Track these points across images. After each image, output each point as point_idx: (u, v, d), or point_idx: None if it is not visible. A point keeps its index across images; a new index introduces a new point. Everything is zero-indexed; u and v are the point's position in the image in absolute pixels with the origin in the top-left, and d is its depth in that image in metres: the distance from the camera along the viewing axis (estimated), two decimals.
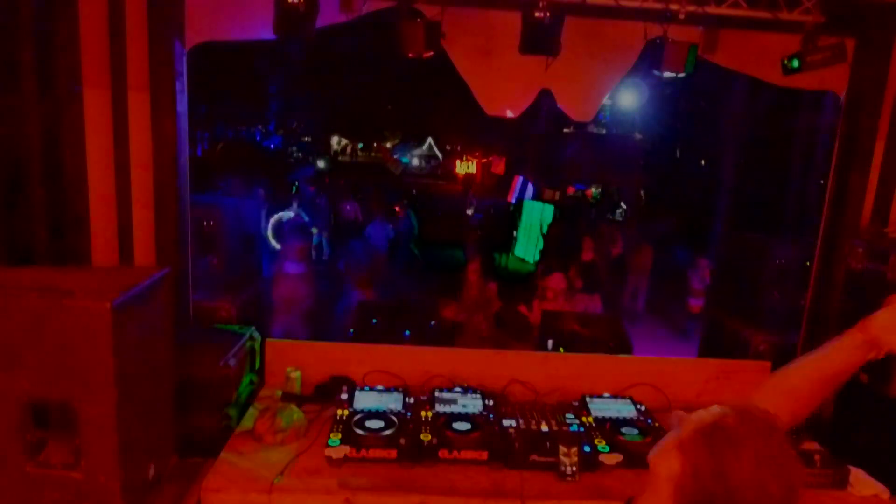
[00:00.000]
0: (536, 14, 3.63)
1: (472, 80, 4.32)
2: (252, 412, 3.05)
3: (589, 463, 2.60)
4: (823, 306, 4.30)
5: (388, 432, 2.68)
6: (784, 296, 4.91)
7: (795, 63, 3.78)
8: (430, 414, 2.87)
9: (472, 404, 3.02)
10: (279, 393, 3.20)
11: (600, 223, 11.09)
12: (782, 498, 1.11)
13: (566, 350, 4.29)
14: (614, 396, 3.22)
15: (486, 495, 2.44)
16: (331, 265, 10.73)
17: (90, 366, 1.91)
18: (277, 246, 8.28)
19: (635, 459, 2.63)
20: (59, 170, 3.42)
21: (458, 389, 3.20)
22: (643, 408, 3.12)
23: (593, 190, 24.47)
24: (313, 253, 12.04)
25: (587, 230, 10.41)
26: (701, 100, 16.52)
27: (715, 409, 1.25)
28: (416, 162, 43.25)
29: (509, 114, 4.58)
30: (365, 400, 3.01)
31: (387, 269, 8.80)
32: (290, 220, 6.78)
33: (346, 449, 2.57)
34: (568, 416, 2.96)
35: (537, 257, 13.16)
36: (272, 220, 8.54)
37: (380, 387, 3.18)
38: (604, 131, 26.64)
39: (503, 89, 4.41)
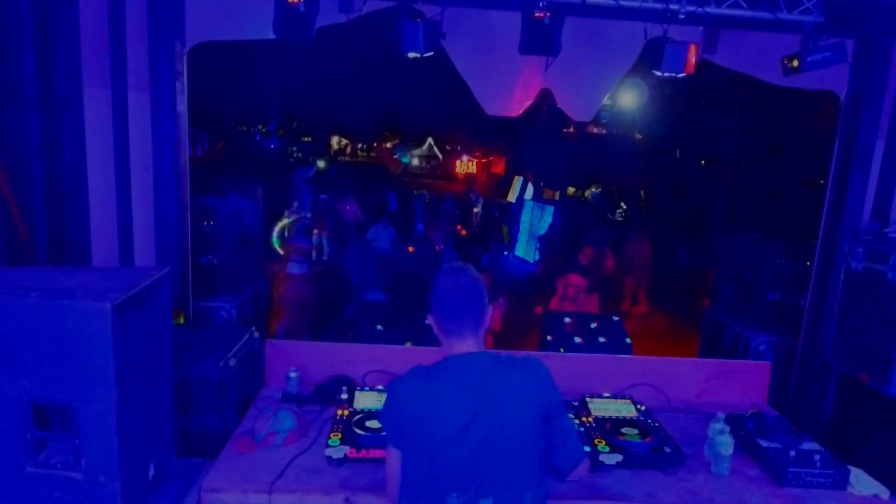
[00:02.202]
0: (536, 14, 3.64)
1: (472, 80, 4.33)
2: (252, 412, 3.05)
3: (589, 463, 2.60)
4: (823, 306, 4.30)
5: None
6: (784, 296, 4.91)
7: (795, 63, 3.79)
8: None
9: None
10: (279, 393, 3.21)
11: (594, 230, 10.98)
12: (469, 284, 1.93)
13: (566, 350, 4.29)
14: (614, 396, 3.22)
15: None
16: (332, 265, 10.74)
17: (90, 366, 1.90)
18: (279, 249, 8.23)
19: (635, 460, 2.64)
20: (60, 170, 3.42)
21: None
22: (643, 408, 3.12)
23: (593, 189, 24.47)
24: (314, 253, 12.07)
25: (587, 234, 10.39)
26: (701, 99, 16.51)
27: None
28: (416, 162, 43.24)
29: (509, 114, 4.58)
30: (365, 400, 3.01)
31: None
32: (296, 222, 6.81)
33: (346, 449, 2.57)
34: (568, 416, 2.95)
35: (537, 257, 13.16)
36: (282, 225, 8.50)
37: (380, 387, 3.18)
38: (604, 131, 26.63)
39: (503, 89, 4.41)
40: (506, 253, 13.41)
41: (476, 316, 1.92)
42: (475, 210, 18.08)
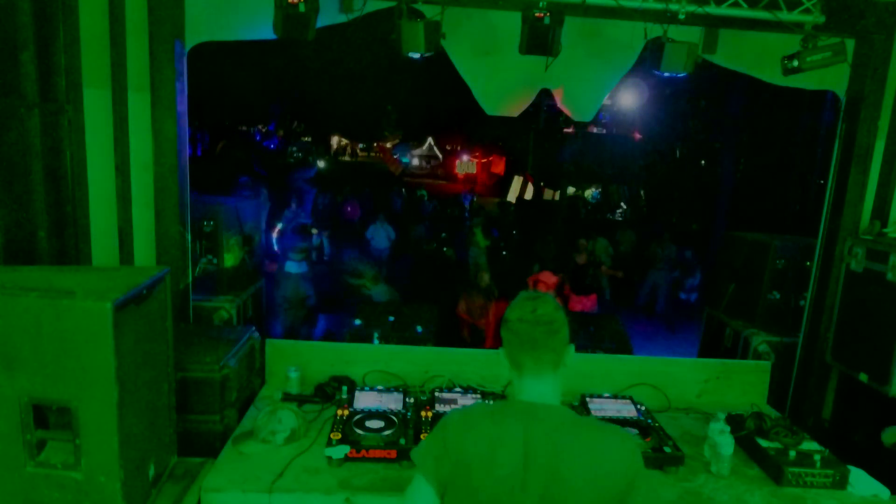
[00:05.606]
0: (536, 14, 3.63)
1: (472, 80, 4.33)
2: (252, 412, 3.05)
3: None
4: (823, 306, 4.30)
5: (388, 432, 2.68)
6: (784, 296, 4.92)
7: (795, 63, 3.78)
8: (430, 414, 2.87)
9: None
10: (279, 393, 3.21)
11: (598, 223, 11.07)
12: (548, 315, 1.64)
13: None
14: (614, 396, 3.22)
15: None
16: (332, 265, 10.75)
17: (90, 366, 1.90)
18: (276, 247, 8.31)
19: None
20: (59, 170, 3.42)
21: (458, 389, 3.20)
22: (643, 408, 3.12)
23: (592, 189, 24.46)
24: (314, 254, 12.06)
25: (582, 233, 10.40)
26: (701, 100, 16.50)
27: None
28: (416, 162, 43.22)
29: (509, 113, 4.58)
30: (365, 400, 3.01)
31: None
32: (292, 221, 6.85)
33: (346, 449, 2.57)
34: None
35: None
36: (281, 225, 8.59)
37: (380, 387, 3.18)
38: (604, 131, 26.60)
39: (503, 89, 4.41)
40: (503, 252, 13.38)
41: (556, 350, 1.65)
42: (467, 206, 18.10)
